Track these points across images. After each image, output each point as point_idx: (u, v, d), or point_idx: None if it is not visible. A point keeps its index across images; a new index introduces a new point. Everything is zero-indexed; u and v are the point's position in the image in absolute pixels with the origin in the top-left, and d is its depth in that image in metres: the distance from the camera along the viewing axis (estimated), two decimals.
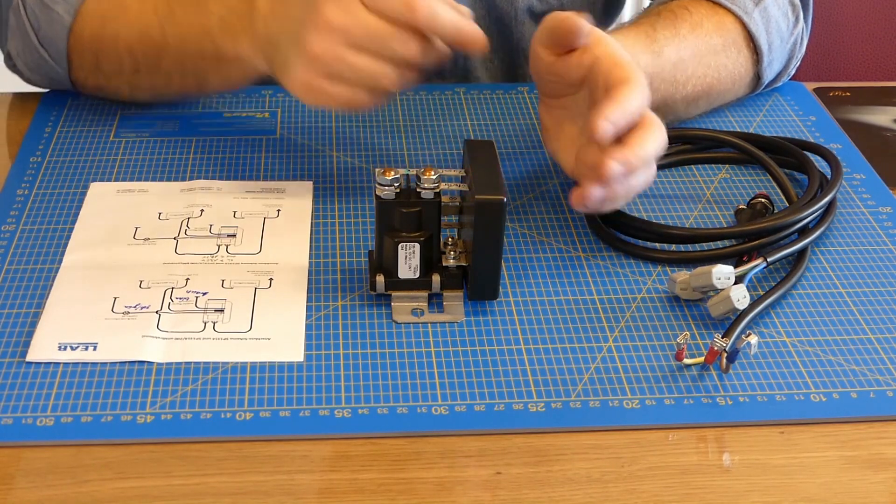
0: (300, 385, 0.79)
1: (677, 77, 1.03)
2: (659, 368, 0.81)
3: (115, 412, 0.76)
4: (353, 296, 0.87)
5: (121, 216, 0.94)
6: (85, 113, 1.08)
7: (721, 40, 1.06)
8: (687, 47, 1.04)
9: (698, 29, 1.05)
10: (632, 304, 0.87)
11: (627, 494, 0.72)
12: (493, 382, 0.79)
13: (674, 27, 1.04)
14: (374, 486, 0.72)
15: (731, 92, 1.10)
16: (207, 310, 0.84)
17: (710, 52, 1.06)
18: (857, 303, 0.88)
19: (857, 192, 1.01)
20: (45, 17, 1.05)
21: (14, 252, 0.90)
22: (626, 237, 0.94)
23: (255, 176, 1.00)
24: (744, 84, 1.10)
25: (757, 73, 1.10)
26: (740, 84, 1.10)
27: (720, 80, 1.07)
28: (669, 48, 1.02)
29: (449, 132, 1.07)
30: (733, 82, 1.09)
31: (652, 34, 1.02)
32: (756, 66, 1.09)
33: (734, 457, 0.76)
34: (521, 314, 0.86)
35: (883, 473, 0.75)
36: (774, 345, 0.84)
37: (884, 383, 0.81)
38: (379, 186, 0.83)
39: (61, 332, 0.82)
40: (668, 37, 1.03)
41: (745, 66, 1.09)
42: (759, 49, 1.08)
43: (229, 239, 0.92)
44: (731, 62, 1.07)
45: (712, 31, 1.06)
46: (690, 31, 1.05)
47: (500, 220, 0.82)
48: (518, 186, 1.01)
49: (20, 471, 0.73)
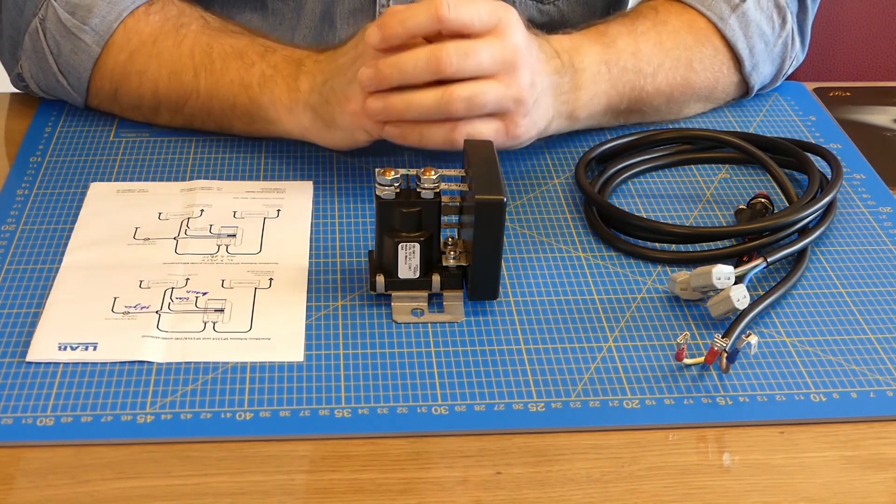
0: (300, 385, 0.79)
1: (642, 67, 1.04)
2: (659, 368, 0.81)
3: (115, 412, 0.76)
4: (353, 296, 0.87)
5: (121, 216, 0.94)
6: (85, 113, 1.08)
7: (692, 37, 1.07)
8: (646, 40, 1.04)
9: (661, 25, 1.06)
10: (632, 304, 0.87)
11: (627, 494, 0.72)
12: (493, 382, 0.79)
13: (631, 24, 1.05)
14: (374, 486, 0.72)
15: (718, 91, 1.10)
16: (207, 310, 0.84)
17: (679, 46, 1.06)
18: (857, 303, 0.88)
19: (857, 192, 1.01)
20: (69, 44, 1.03)
21: (14, 252, 0.90)
22: (626, 237, 0.94)
23: (255, 176, 1.01)
24: (730, 84, 1.10)
25: (742, 79, 1.10)
26: (726, 84, 1.10)
27: (697, 76, 1.07)
28: (623, 40, 1.03)
29: None
30: (716, 80, 1.09)
31: (603, 29, 1.04)
32: (738, 72, 1.10)
33: (734, 457, 0.76)
34: (521, 314, 0.86)
35: (883, 473, 0.75)
36: (774, 345, 0.84)
37: (884, 383, 0.81)
38: (379, 186, 0.83)
39: (61, 332, 0.82)
40: (622, 31, 1.04)
41: (726, 66, 1.09)
42: (739, 54, 1.08)
43: (229, 239, 0.92)
44: (709, 59, 1.07)
45: (680, 27, 1.07)
46: (651, 27, 1.05)
47: (500, 220, 0.82)
48: (518, 186, 1.01)
49: (20, 471, 0.73)
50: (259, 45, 1.01)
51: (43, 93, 1.08)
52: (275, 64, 0.99)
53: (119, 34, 1.02)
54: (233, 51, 1.01)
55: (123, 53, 1.03)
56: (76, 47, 1.03)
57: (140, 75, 1.02)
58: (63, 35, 1.03)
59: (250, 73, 0.99)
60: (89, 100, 1.06)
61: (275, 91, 0.98)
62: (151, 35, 1.02)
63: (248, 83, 0.99)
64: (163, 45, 1.02)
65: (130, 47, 1.02)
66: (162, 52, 1.02)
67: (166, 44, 1.02)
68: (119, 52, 1.03)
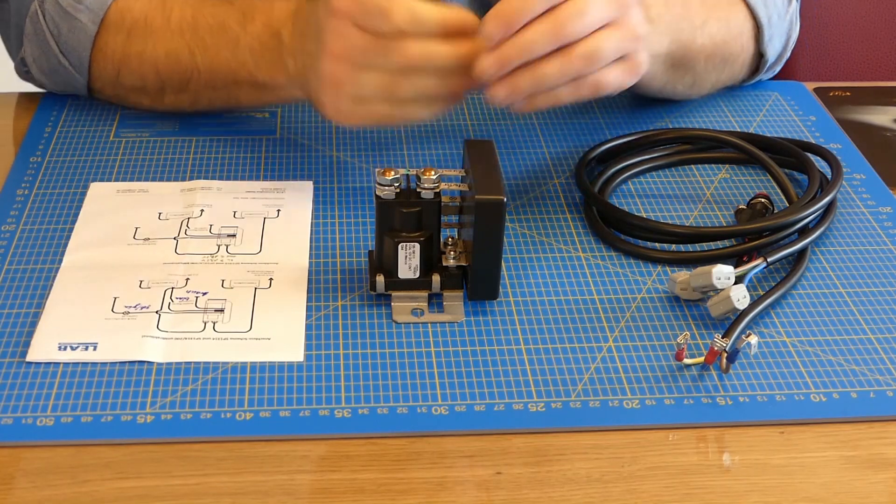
0: (300, 385, 0.79)
1: (693, 19, 1.03)
2: (659, 368, 0.81)
3: (115, 412, 0.76)
4: (353, 296, 0.87)
5: (121, 216, 0.94)
6: (85, 113, 1.08)
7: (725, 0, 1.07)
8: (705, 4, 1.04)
9: None
10: (632, 304, 0.87)
11: (627, 494, 0.72)
12: (493, 382, 0.79)
13: None
14: (374, 486, 0.72)
15: (739, 60, 1.10)
16: (207, 310, 0.84)
17: (719, 5, 1.06)
18: (857, 303, 0.88)
19: (857, 192, 1.01)
20: (66, 25, 1.04)
21: (14, 252, 0.90)
22: (626, 237, 0.94)
23: (255, 176, 1.01)
24: (748, 56, 1.10)
25: (759, 50, 1.10)
26: (746, 56, 1.10)
27: (732, 37, 1.07)
28: None
29: (449, 132, 1.07)
30: (741, 47, 1.09)
31: None
32: (755, 43, 1.10)
33: (734, 457, 0.76)
34: (521, 314, 0.86)
35: (883, 473, 0.75)
36: (774, 345, 0.84)
37: (884, 383, 0.81)
38: (379, 186, 0.83)
39: (61, 332, 0.82)
40: None
41: (749, 34, 1.09)
42: (760, 22, 1.08)
43: (229, 239, 0.92)
44: (738, 24, 1.08)
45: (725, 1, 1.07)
46: None
47: (500, 220, 0.82)
48: (518, 186, 1.01)
49: (20, 471, 0.73)
50: (237, 13, 1.00)
51: (45, 78, 1.08)
52: (257, 36, 0.98)
53: (112, 13, 1.03)
54: (216, 23, 1.01)
55: (121, 35, 1.03)
56: (73, 27, 1.04)
57: (139, 56, 1.03)
58: (61, 16, 1.04)
59: (239, 49, 0.99)
60: (92, 82, 1.06)
61: (268, 69, 0.98)
62: (142, 12, 1.03)
63: (242, 60, 0.99)
64: (154, 24, 1.03)
65: (126, 27, 1.03)
66: (155, 31, 1.02)
67: (157, 22, 1.03)
68: (117, 34, 1.03)
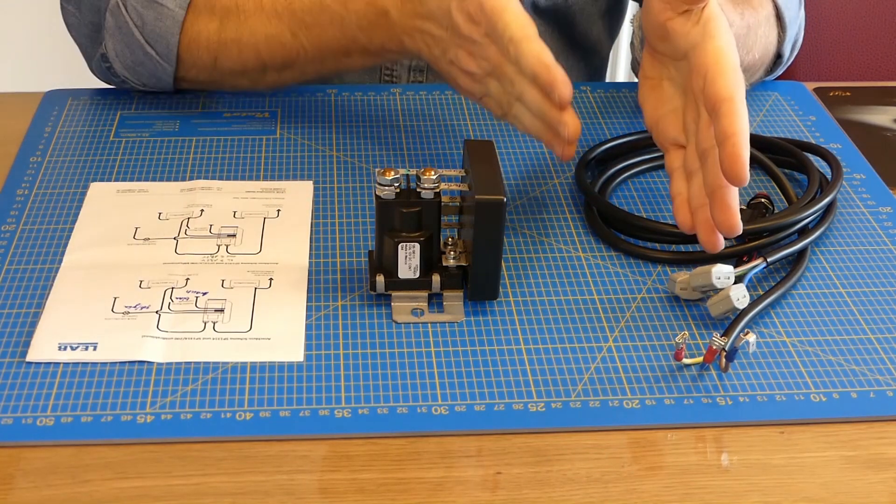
0: (300, 385, 0.79)
1: (748, 44, 1.03)
2: (659, 368, 0.81)
3: (115, 412, 0.76)
4: (353, 296, 0.87)
5: (121, 216, 0.94)
6: (85, 113, 1.08)
7: (765, 12, 1.07)
8: (751, 14, 1.04)
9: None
10: (632, 304, 0.87)
11: (627, 494, 0.72)
12: (493, 382, 0.79)
13: None
14: (374, 486, 0.72)
15: (763, 69, 1.10)
16: (207, 310, 0.84)
17: (759, 23, 1.06)
18: (857, 303, 0.88)
19: (857, 192, 1.01)
20: (151, 13, 1.03)
21: (14, 252, 0.90)
22: (626, 237, 0.94)
23: (255, 176, 1.01)
24: (769, 62, 1.11)
25: (778, 52, 1.10)
26: (768, 63, 1.10)
27: (764, 54, 1.07)
28: (748, 12, 1.03)
29: (449, 132, 1.07)
30: (768, 58, 1.09)
31: None
32: (779, 44, 1.10)
33: (734, 457, 0.76)
34: (521, 314, 0.86)
35: (883, 473, 0.75)
36: (774, 345, 0.84)
37: (884, 383, 0.81)
38: (379, 186, 0.83)
39: (61, 332, 0.82)
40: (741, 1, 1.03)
41: (774, 42, 1.09)
42: (784, 24, 1.08)
43: (229, 239, 0.92)
44: (770, 37, 1.08)
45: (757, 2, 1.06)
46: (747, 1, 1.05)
47: (500, 220, 0.82)
48: (518, 186, 1.01)
49: (20, 471, 0.73)
50: None
51: (129, 72, 1.07)
52: (364, 14, 0.99)
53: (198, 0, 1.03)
54: (312, 4, 1.01)
55: (214, 22, 1.03)
56: (159, 14, 1.03)
57: (237, 43, 1.03)
58: (144, 5, 1.03)
59: (346, 26, 1.00)
60: (182, 70, 1.06)
61: (382, 42, 1.00)
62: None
63: (352, 37, 1.00)
64: (247, 8, 1.03)
65: (218, 14, 1.03)
66: (250, 17, 1.03)
67: (249, 6, 1.03)
68: (209, 21, 1.03)
